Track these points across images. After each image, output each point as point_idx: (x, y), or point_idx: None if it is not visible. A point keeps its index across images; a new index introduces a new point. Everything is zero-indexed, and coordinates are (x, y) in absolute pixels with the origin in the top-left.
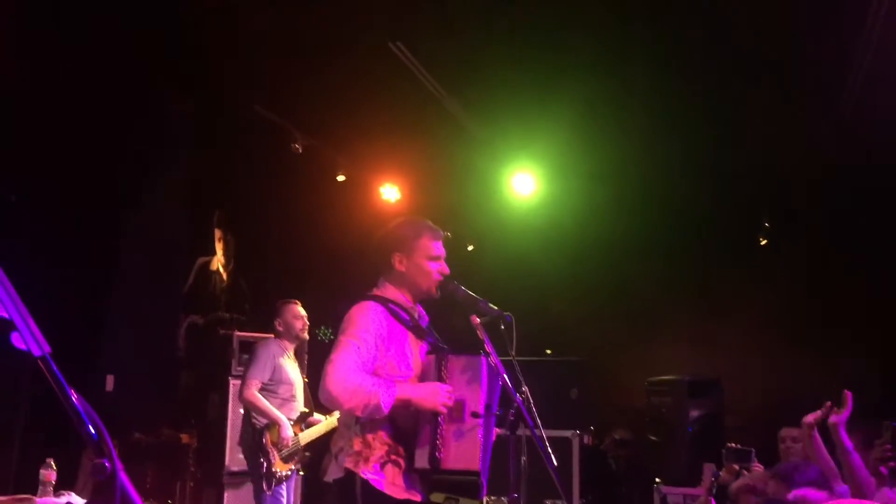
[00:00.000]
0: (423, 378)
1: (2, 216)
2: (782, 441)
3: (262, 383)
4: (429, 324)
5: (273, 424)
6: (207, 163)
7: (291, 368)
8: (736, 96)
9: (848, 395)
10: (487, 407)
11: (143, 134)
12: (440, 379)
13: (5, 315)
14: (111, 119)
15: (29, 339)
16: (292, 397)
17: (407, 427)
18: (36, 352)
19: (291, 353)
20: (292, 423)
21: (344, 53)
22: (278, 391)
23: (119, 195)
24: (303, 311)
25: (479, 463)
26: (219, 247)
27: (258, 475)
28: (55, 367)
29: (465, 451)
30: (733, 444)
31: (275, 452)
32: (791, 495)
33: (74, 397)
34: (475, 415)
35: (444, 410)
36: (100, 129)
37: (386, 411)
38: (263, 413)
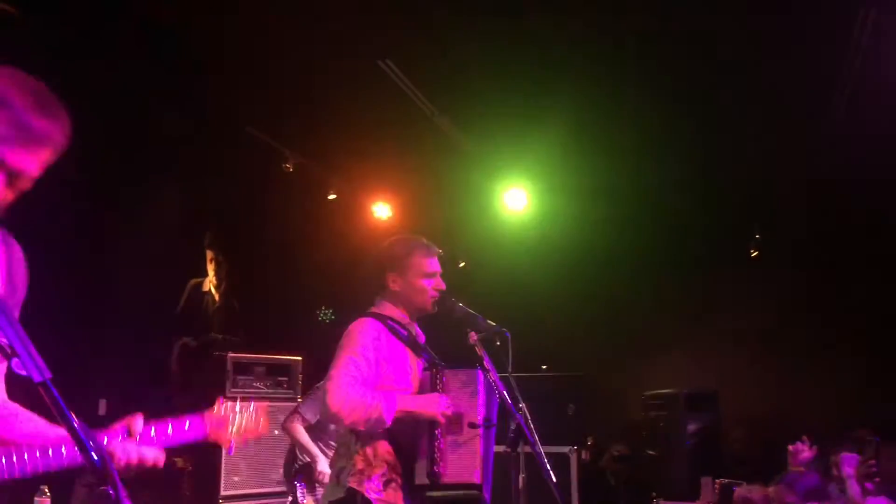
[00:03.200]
0: (421, 393)
1: None
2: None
3: (309, 422)
4: (425, 342)
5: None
6: (198, 183)
7: None
8: (727, 110)
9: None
10: (486, 420)
11: (133, 155)
12: (434, 390)
13: (5, 342)
14: (100, 140)
15: (29, 364)
16: None
17: (406, 442)
18: (36, 377)
19: None
20: None
21: (333, 72)
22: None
23: (110, 218)
24: None
25: (478, 476)
26: (210, 268)
27: None
28: (56, 393)
29: (463, 464)
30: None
31: (305, 489)
32: None
33: (76, 423)
34: (472, 425)
35: (443, 420)
36: (89, 152)
37: (388, 423)
38: (301, 446)
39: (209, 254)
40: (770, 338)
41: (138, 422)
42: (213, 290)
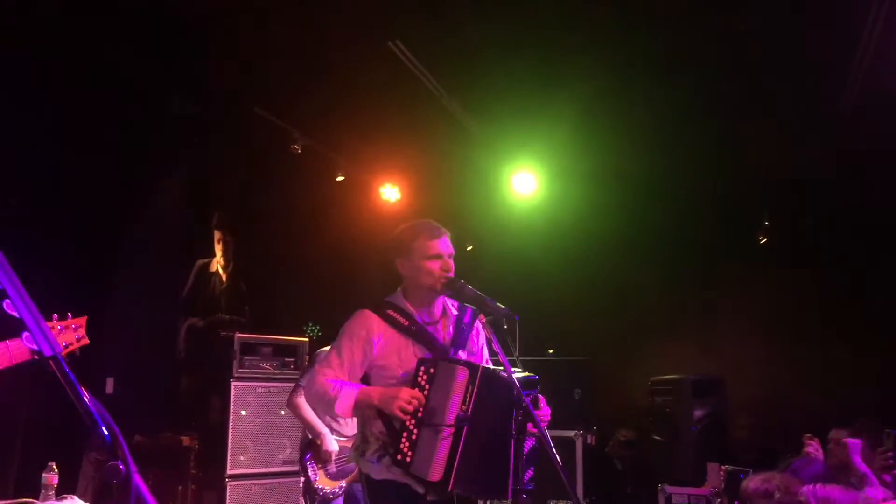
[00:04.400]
0: (406, 382)
1: (1, 219)
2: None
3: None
4: (462, 321)
5: (316, 437)
6: (206, 164)
7: None
8: (737, 95)
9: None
10: (460, 420)
11: (142, 135)
12: (415, 384)
13: (17, 315)
14: (111, 120)
15: (40, 339)
16: None
17: (392, 425)
18: (47, 351)
19: None
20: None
21: (343, 53)
22: None
23: (118, 197)
24: None
25: (434, 474)
26: (218, 248)
27: (304, 491)
28: (67, 368)
29: (428, 459)
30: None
31: (316, 467)
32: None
33: (87, 398)
34: (438, 424)
35: (400, 414)
36: (99, 131)
37: (338, 411)
38: (306, 423)
39: (217, 234)
40: (777, 324)
41: None
42: (220, 271)
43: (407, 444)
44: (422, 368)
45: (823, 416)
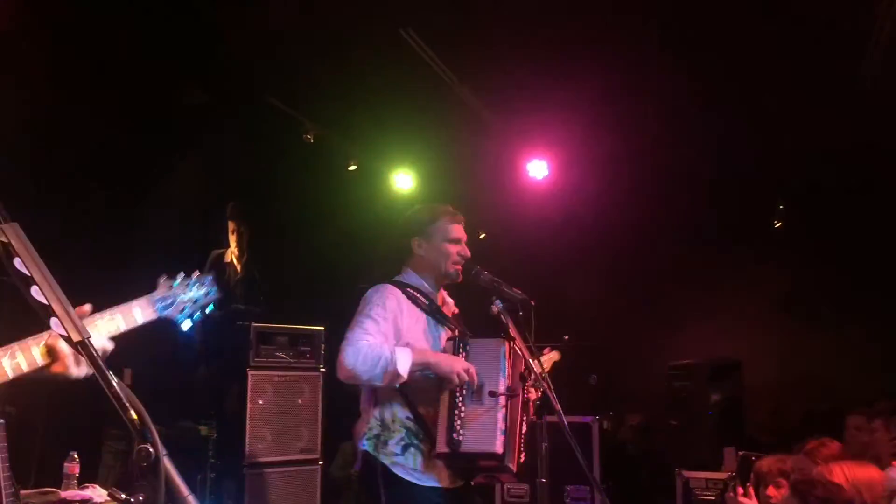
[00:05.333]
0: None
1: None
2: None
3: None
4: (456, 315)
5: None
6: (219, 155)
7: None
8: (751, 78)
9: None
10: (509, 390)
11: (154, 126)
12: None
13: (44, 301)
14: (123, 111)
15: (68, 323)
16: None
17: (426, 408)
18: (75, 336)
19: None
20: None
21: (354, 42)
22: None
23: (132, 188)
24: None
25: (499, 445)
26: (232, 239)
27: None
28: (94, 352)
29: (484, 433)
30: None
31: None
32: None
33: (115, 381)
34: (493, 394)
35: (457, 379)
36: (112, 121)
37: (405, 376)
38: None
39: (231, 225)
40: (793, 307)
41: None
42: (234, 261)
43: (457, 422)
44: (461, 345)
45: (840, 398)
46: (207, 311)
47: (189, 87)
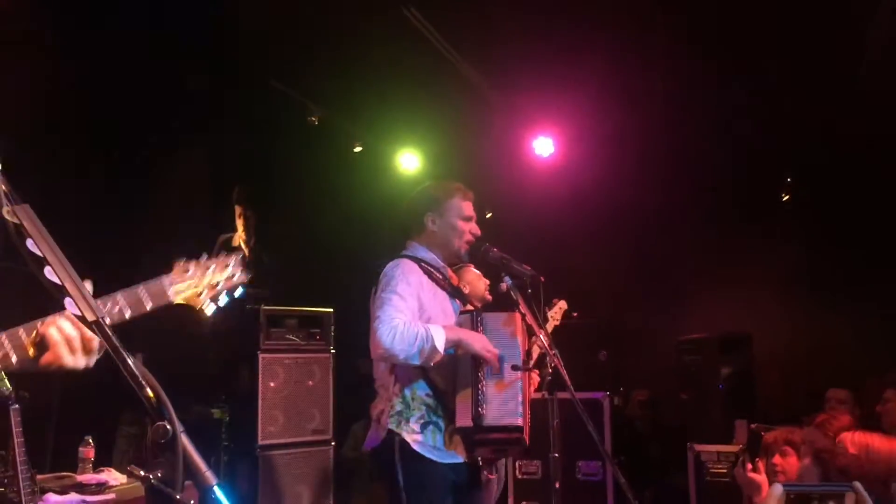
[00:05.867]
0: None
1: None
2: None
3: None
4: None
5: None
6: (224, 138)
7: None
8: (758, 54)
9: None
10: (525, 363)
11: (158, 110)
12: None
13: (58, 281)
14: (127, 95)
15: (82, 304)
16: None
17: (445, 385)
18: (89, 316)
19: None
20: None
21: (357, 22)
22: None
23: (137, 173)
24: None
25: (520, 419)
26: (239, 223)
27: None
28: (109, 331)
29: (507, 407)
30: None
31: None
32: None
33: (130, 360)
34: (515, 368)
35: (488, 355)
36: (116, 106)
37: (442, 352)
38: None
39: (237, 209)
40: (803, 279)
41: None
42: (242, 245)
43: (480, 395)
44: (478, 319)
45: (851, 371)
46: (237, 294)
47: (193, 72)
